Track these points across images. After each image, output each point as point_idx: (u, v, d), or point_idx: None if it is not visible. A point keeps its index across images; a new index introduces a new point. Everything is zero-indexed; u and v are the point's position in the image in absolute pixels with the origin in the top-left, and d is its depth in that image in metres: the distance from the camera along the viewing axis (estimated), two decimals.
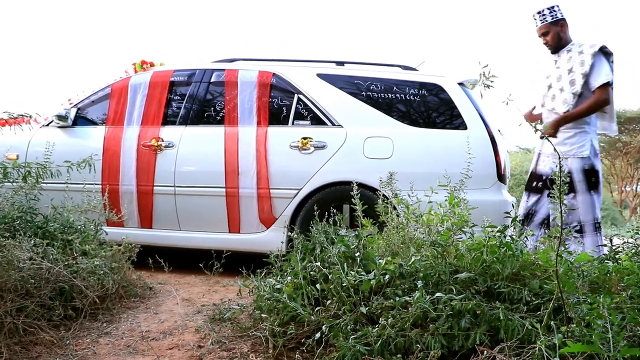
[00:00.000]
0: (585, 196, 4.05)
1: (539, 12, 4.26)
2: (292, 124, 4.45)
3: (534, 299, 2.38)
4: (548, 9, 4.22)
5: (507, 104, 2.32)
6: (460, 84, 4.40)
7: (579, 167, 4.06)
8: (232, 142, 4.42)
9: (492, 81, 2.53)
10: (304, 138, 4.30)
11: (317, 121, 4.41)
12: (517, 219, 2.80)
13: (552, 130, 4.09)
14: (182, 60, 5.17)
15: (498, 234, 2.67)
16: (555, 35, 4.24)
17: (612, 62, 4.10)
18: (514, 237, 2.70)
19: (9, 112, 3.43)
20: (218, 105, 4.65)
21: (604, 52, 4.10)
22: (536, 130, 2.16)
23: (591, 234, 4.03)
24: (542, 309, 2.31)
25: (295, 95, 4.50)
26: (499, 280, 2.48)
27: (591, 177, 4.06)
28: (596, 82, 4.04)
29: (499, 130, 4.43)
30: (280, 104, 4.53)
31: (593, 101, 4.04)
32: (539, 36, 4.30)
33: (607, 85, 4.02)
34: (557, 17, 4.21)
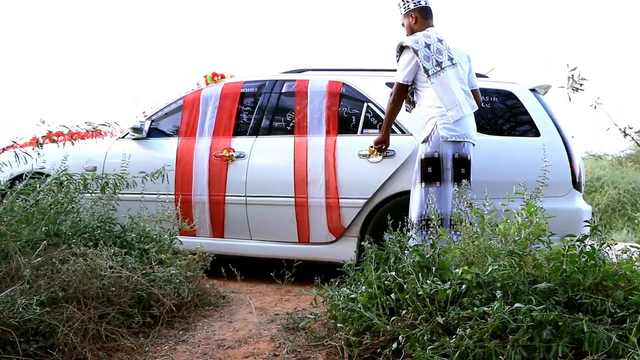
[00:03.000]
0: (416, 187, 3.79)
1: (398, 5, 4.11)
2: (362, 132, 4.44)
3: (618, 310, 2.30)
4: (402, 1, 4.06)
5: (594, 107, 2.25)
6: (533, 90, 4.30)
7: (418, 156, 3.83)
8: (301, 152, 4.45)
9: (581, 84, 2.45)
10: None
11: None
12: None
13: (377, 146, 4.08)
14: (251, 71, 5.24)
15: (577, 243, 2.61)
16: (408, 27, 4.05)
17: (417, 57, 3.76)
18: (594, 246, 2.62)
19: (91, 123, 3.56)
20: (288, 116, 4.69)
21: (409, 49, 3.85)
22: (625, 135, 2.08)
23: (418, 232, 3.64)
24: (627, 321, 2.23)
25: (365, 104, 4.48)
26: (579, 290, 2.41)
27: (427, 166, 3.73)
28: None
29: (572, 136, 4.30)
30: (350, 113, 4.52)
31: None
32: None
33: (398, 84, 3.87)
34: (408, 9, 4.03)
